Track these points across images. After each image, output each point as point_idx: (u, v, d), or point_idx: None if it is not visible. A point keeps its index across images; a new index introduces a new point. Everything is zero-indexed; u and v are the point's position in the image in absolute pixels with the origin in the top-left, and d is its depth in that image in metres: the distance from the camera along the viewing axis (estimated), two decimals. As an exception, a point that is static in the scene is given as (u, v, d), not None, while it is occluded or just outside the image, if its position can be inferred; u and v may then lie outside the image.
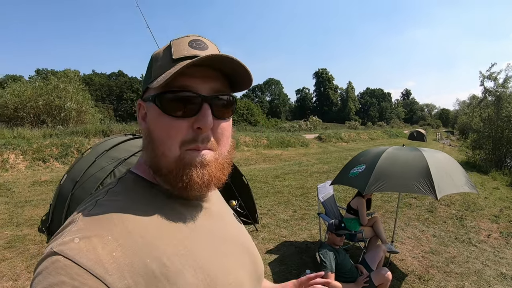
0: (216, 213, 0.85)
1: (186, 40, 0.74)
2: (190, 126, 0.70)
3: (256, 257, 0.89)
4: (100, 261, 0.54)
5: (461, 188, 4.08)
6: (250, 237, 0.95)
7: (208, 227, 0.78)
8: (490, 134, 17.90)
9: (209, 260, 0.70)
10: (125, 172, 0.82)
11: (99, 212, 0.64)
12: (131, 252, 0.59)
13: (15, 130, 15.23)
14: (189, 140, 0.70)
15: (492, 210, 8.17)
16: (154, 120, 0.73)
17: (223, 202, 0.99)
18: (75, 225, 0.61)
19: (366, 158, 4.65)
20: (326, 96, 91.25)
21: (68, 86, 22.41)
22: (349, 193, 9.09)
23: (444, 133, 60.24)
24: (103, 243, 0.57)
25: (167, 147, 0.70)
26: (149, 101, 0.73)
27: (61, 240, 0.57)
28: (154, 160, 0.72)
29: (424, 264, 5.13)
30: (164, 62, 0.72)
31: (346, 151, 21.45)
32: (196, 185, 0.70)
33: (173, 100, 0.69)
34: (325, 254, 3.64)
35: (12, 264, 4.68)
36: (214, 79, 0.73)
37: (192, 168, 0.70)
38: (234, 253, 0.79)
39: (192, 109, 0.69)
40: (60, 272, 0.52)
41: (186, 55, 0.70)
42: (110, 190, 0.73)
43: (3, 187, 8.92)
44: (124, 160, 4.63)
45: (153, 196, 0.74)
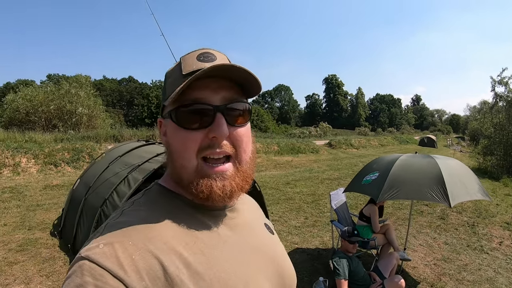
0: (243, 222, 0.85)
1: (195, 54, 0.77)
2: (206, 136, 0.72)
3: (285, 269, 0.87)
4: (120, 264, 0.59)
5: (474, 195, 4.03)
6: (283, 249, 0.94)
7: (232, 237, 0.78)
8: (502, 140, 17.65)
9: (228, 271, 0.70)
10: (152, 184, 0.85)
11: (123, 221, 0.69)
12: (150, 256, 0.62)
13: (27, 134, 15.41)
14: (205, 146, 0.71)
15: (504, 217, 8.05)
16: (171, 135, 0.76)
17: (254, 211, 0.99)
18: (101, 232, 0.67)
19: (379, 165, 4.61)
20: (336, 102, 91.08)
21: (80, 91, 22.69)
22: (359, 200, 9.05)
23: (454, 139, 59.69)
24: (124, 248, 0.62)
25: (185, 159, 0.72)
26: (166, 117, 0.77)
27: (88, 246, 0.63)
28: (175, 172, 0.76)
29: (436, 271, 5.07)
30: (175, 78, 0.75)
31: (356, 158, 21.34)
32: (218, 197, 0.71)
33: (187, 114, 0.72)
34: (339, 261, 3.62)
35: (24, 267, 4.72)
36: (225, 88, 0.74)
37: (211, 180, 0.71)
38: (258, 264, 0.78)
39: (206, 120, 0.71)
40: (85, 274, 0.58)
41: (195, 69, 0.72)
42: (136, 201, 0.78)
43: (15, 191, 9.01)
44: (138, 166, 4.65)
45: (176, 206, 0.76)
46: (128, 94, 65.71)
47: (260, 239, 0.86)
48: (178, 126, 0.73)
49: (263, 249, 0.84)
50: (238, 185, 0.74)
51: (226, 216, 0.81)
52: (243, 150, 0.77)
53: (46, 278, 4.46)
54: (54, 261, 4.93)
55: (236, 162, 0.75)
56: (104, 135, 17.97)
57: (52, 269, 4.70)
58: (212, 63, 0.73)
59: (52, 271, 4.63)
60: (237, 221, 0.83)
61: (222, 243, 0.74)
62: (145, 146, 5.76)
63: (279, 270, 0.84)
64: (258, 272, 0.77)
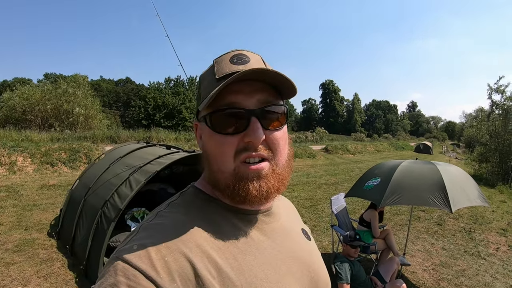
0: (279, 227, 0.83)
1: (228, 57, 0.76)
2: (241, 140, 0.71)
3: (320, 276, 0.86)
4: (153, 265, 0.60)
5: (474, 201, 4.07)
6: (319, 255, 0.93)
7: (266, 242, 0.77)
8: (497, 147, 17.77)
9: (260, 276, 0.69)
10: (188, 186, 0.85)
11: (158, 222, 0.70)
12: (182, 258, 0.63)
13: (23, 133, 15.34)
14: (241, 149, 0.70)
15: (500, 224, 8.17)
16: (207, 139, 0.75)
17: (291, 216, 0.97)
18: (136, 234, 0.68)
19: (381, 171, 4.64)
20: (332, 108, 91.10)
21: (77, 91, 22.66)
22: (358, 205, 9.10)
23: (450, 146, 59.97)
24: (157, 250, 0.62)
25: (222, 163, 0.72)
26: (201, 121, 0.77)
27: (123, 248, 0.64)
28: (212, 176, 0.76)
29: (434, 276, 5.12)
30: (209, 82, 0.75)
31: (353, 163, 21.38)
32: (254, 198, 0.71)
33: (221, 118, 0.71)
34: (341, 266, 3.64)
35: (21, 268, 4.67)
36: (260, 91, 0.73)
37: (248, 181, 0.70)
38: (292, 271, 0.77)
39: (241, 125, 0.70)
40: (119, 274, 0.59)
41: (228, 72, 0.72)
42: (171, 203, 0.78)
43: (11, 190, 8.95)
44: (139, 168, 4.61)
45: (211, 209, 0.76)
46: (125, 95, 65.57)
47: (295, 245, 0.84)
48: (213, 130, 0.72)
49: (298, 255, 0.82)
50: (274, 186, 0.73)
51: (262, 220, 0.80)
52: (280, 154, 0.75)
53: (44, 279, 4.41)
54: (52, 262, 4.88)
55: (272, 163, 0.74)
56: (101, 135, 17.96)
57: (50, 270, 4.64)
58: (246, 65, 0.73)
59: (50, 273, 4.58)
60: (273, 226, 0.82)
61: (256, 249, 0.73)
62: (146, 148, 5.73)
63: (314, 277, 0.83)
64: (292, 278, 0.76)
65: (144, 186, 4.50)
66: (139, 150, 5.62)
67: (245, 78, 0.68)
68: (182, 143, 20.92)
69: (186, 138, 23.36)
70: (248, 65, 0.73)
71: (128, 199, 4.21)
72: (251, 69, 0.67)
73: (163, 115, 40.24)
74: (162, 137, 22.07)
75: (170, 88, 43.95)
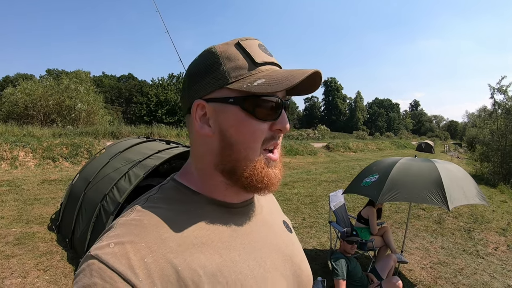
0: (261, 220, 0.83)
1: (255, 43, 0.74)
2: (270, 127, 0.71)
3: (302, 268, 0.85)
4: (131, 267, 0.56)
5: (472, 199, 4.07)
6: (300, 247, 0.92)
7: (250, 236, 0.76)
8: (499, 147, 17.71)
9: (245, 271, 0.68)
10: (168, 179, 0.81)
11: (137, 219, 0.65)
12: (163, 259, 0.60)
13: (25, 128, 15.36)
14: (269, 138, 0.72)
15: (500, 223, 8.12)
16: (237, 124, 0.69)
17: (272, 208, 0.96)
18: (113, 230, 0.63)
19: (379, 168, 4.64)
20: (335, 106, 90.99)
21: (79, 86, 22.64)
22: (357, 203, 9.09)
23: (452, 145, 59.88)
24: (136, 249, 0.59)
25: (252, 150, 0.70)
26: (227, 103, 0.69)
27: (99, 244, 0.60)
28: (233, 164, 0.71)
29: (432, 275, 5.11)
30: (243, 63, 0.70)
31: (354, 161, 21.33)
32: (273, 186, 0.73)
33: (261, 104, 0.69)
34: (337, 262, 3.64)
35: (21, 261, 4.70)
36: None
37: (270, 169, 0.72)
38: (275, 263, 0.77)
39: (276, 113, 0.71)
40: (94, 275, 0.55)
41: (266, 60, 0.72)
42: (151, 197, 0.73)
43: (13, 184, 8.99)
44: (139, 162, 4.64)
45: (193, 204, 0.73)
46: (127, 91, 65.51)
47: (278, 238, 0.84)
48: (251, 115, 0.69)
49: (281, 248, 0.82)
50: (282, 173, 0.76)
51: (245, 213, 0.80)
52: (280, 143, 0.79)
53: (44, 272, 4.45)
54: (51, 255, 4.91)
55: (279, 151, 0.77)
56: (103, 131, 17.97)
57: (50, 263, 4.68)
58: (272, 58, 0.75)
59: (50, 265, 4.61)
60: (256, 219, 0.81)
61: (240, 243, 0.72)
62: (146, 143, 5.75)
63: (296, 270, 0.82)
64: (277, 273, 0.76)
65: (143, 181, 4.52)
66: (139, 145, 5.64)
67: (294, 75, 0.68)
68: (184, 139, 20.87)
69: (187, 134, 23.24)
70: (274, 59, 0.75)
71: (126, 193, 4.24)
72: (315, 71, 0.69)
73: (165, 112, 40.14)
74: (164, 133, 22.00)
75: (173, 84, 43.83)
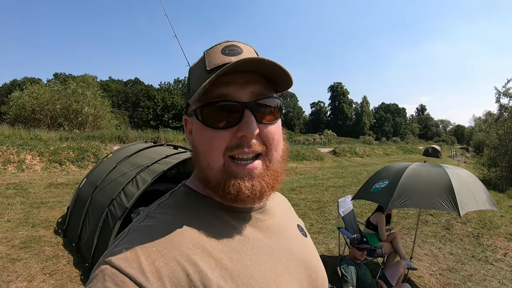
0: (274, 224, 0.81)
1: (219, 48, 0.73)
2: (234, 135, 0.68)
3: (318, 273, 0.83)
4: (142, 270, 0.57)
5: (482, 205, 4.01)
6: (315, 251, 0.90)
7: (261, 241, 0.74)
8: (507, 151, 17.60)
9: (256, 276, 0.66)
10: (179, 185, 0.83)
11: (148, 225, 0.68)
12: (174, 263, 0.60)
13: (32, 132, 15.47)
14: (233, 146, 0.68)
15: (509, 229, 8.06)
16: (197, 134, 0.72)
17: (286, 212, 0.94)
18: (125, 236, 0.66)
19: (389, 173, 4.60)
20: (341, 110, 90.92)
21: (86, 91, 22.84)
22: (365, 208, 9.04)
23: (459, 150, 59.64)
24: (147, 254, 0.60)
25: (211, 159, 0.69)
26: (191, 115, 0.73)
27: (111, 250, 0.62)
28: (202, 172, 0.72)
29: (441, 281, 5.06)
30: (199, 74, 0.72)
31: (361, 166, 21.27)
32: (246, 197, 0.68)
33: (212, 112, 0.68)
34: (347, 268, 3.60)
35: (27, 264, 4.70)
36: (253, 83, 0.70)
37: (239, 180, 0.68)
38: (288, 269, 0.74)
39: (234, 118, 0.67)
40: (107, 279, 0.56)
41: (219, 63, 0.69)
42: (162, 203, 0.75)
43: (19, 187, 9.04)
44: (146, 167, 4.63)
45: (203, 209, 0.74)
46: (133, 95, 65.89)
47: (291, 242, 0.82)
48: (204, 125, 0.69)
49: (294, 252, 0.79)
50: (268, 185, 0.70)
51: (256, 218, 0.78)
52: (274, 149, 0.72)
53: (49, 276, 4.43)
54: (57, 259, 4.90)
55: (266, 160, 0.71)
56: (109, 135, 18.07)
57: (56, 267, 4.67)
58: (238, 56, 0.70)
59: (56, 270, 4.60)
60: (268, 223, 0.79)
61: (251, 248, 0.71)
62: (154, 147, 5.74)
63: (312, 274, 0.81)
64: (289, 277, 0.73)
65: (150, 186, 4.51)
66: (147, 149, 5.64)
67: (237, 69, 0.66)
68: (189, 144, 20.95)
69: (194, 139, 23.43)
70: (240, 56, 0.70)
71: (134, 198, 4.22)
72: (243, 59, 0.63)
73: (172, 116, 40.41)
74: (170, 137, 22.11)
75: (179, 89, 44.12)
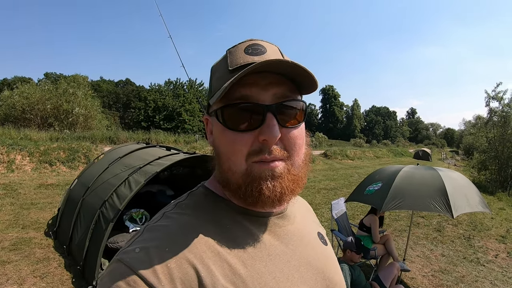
0: (293, 231, 0.78)
1: (242, 46, 0.70)
2: (256, 138, 0.65)
3: (336, 284, 0.79)
4: (154, 271, 0.56)
5: (475, 207, 4.07)
6: (335, 260, 0.87)
7: (278, 248, 0.72)
8: (496, 155, 17.80)
9: (270, 285, 0.64)
10: (198, 185, 0.80)
11: (164, 224, 0.66)
12: (187, 265, 0.59)
13: (22, 131, 15.30)
14: (255, 151, 0.65)
15: (499, 231, 8.20)
16: (218, 136, 0.70)
17: (307, 218, 0.91)
18: (140, 235, 0.65)
19: (382, 176, 4.63)
20: (332, 113, 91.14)
21: (77, 91, 22.67)
22: (357, 210, 9.07)
23: (449, 153, 60.02)
24: (160, 255, 0.59)
25: (233, 162, 0.66)
26: (212, 116, 0.71)
27: (125, 249, 0.61)
28: (222, 175, 0.70)
29: (434, 283, 5.11)
30: (221, 74, 0.69)
31: (352, 169, 21.38)
32: (267, 199, 0.65)
33: (234, 114, 0.65)
34: (341, 271, 3.58)
35: (17, 267, 4.63)
36: (277, 84, 0.66)
37: (262, 181, 0.65)
38: (305, 278, 0.72)
39: (255, 121, 0.65)
40: (119, 278, 0.56)
41: (242, 63, 0.66)
42: (179, 203, 0.73)
43: (9, 188, 8.92)
44: (139, 168, 4.58)
45: (221, 211, 0.72)
46: (124, 96, 65.45)
47: (310, 250, 0.78)
48: (225, 126, 0.66)
49: (312, 261, 0.76)
50: (289, 188, 0.66)
51: (275, 223, 0.75)
52: (296, 154, 0.69)
53: (40, 279, 4.37)
54: (48, 262, 4.84)
55: (288, 164, 0.67)
56: (100, 136, 17.96)
57: (46, 270, 4.61)
58: (262, 56, 0.67)
59: (46, 272, 4.54)
60: (286, 229, 0.77)
61: (267, 254, 0.68)
62: (146, 149, 5.71)
63: (329, 285, 0.77)
64: (304, 285, 0.70)
65: (143, 187, 4.47)
66: (139, 150, 5.60)
67: (260, 70, 0.63)
68: (181, 146, 20.88)
69: (185, 140, 23.39)
70: (264, 56, 0.68)
71: (127, 200, 4.18)
72: (266, 60, 0.61)
73: (163, 117, 40.25)
74: (161, 139, 22.03)
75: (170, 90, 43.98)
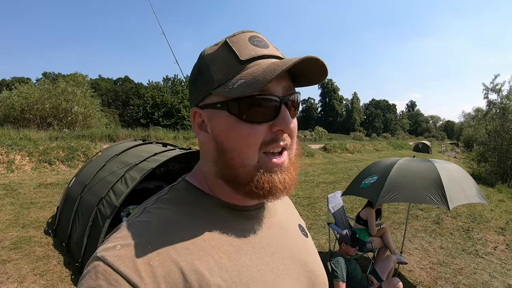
0: (275, 224, 0.80)
1: (245, 37, 0.68)
2: (269, 129, 0.66)
3: (318, 275, 0.81)
4: (137, 270, 0.55)
5: (472, 199, 4.06)
6: (316, 252, 0.88)
7: (262, 240, 0.72)
8: (496, 146, 17.79)
9: (256, 278, 0.65)
10: (179, 180, 0.79)
11: (145, 220, 0.64)
12: (170, 262, 0.58)
13: (21, 132, 15.29)
14: (267, 142, 0.65)
15: (498, 223, 8.17)
16: (227, 129, 0.66)
17: (288, 211, 0.92)
18: (121, 231, 0.62)
19: (378, 169, 4.63)
20: (331, 107, 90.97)
21: (76, 89, 22.56)
22: (355, 204, 9.06)
23: (449, 145, 59.99)
24: (142, 252, 0.57)
25: (246, 157, 0.65)
26: (216, 108, 0.67)
27: (105, 246, 0.59)
28: (229, 171, 0.68)
29: (432, 275, 5.11)
30: (228, 64, 0.66)
31: (351, 162, 21.36)
32: (279, 191, 0.67)
33: (253, 106, 0.64)
34: (337, 264, 3.61)
35: (17, 265, 4.67)
36: (284, 78, 0.67)
37: (273, 174, 0.66)
38: (288, 270, 0.73)
39: (272, 113, 0.65)
40: (99, 277, 0.54)
41: (254, 55, 0.65)
42: (160, 198, 0.72)
43: (9, 188, 8.94)
44: (135, 165, 4.61)
45: (203, 206, 0.71)
46: (123, 94, 65.23)
47: (292, 243, 0.80)
48: (240, 119, 0.64)
49: (295, 254, 0.78)
50: (294, 178, 0.69)
51: (258, 216, 0.76)
52: (295, 142, 0.72)
53: (40, 277, 4.41)
54: (48, 259, 4.87)
55: (290, 153, 0.70)
56: (99, 134, 17.89)
57: (46, 268, 4.64)
58: (267, 49, 0.68)
59: (46, 270, 4.57)
60: (269, 222, 0.78)
61: (252, 247, 0.69)
62: (142, 146, 5.72)
63: (311, 276, 0.78)
64: (289, 278, 0.72)
65: (140, 184, 4.50)
66: (135, 147, 5.62)
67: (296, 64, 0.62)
68: (180, 142, 20.80)
69: (184, 136, 23.29)
70: (268, 50, 0.68)
71: (123, 196, 4.21)
72: (311, 56, 0.61)
73: (162, 114, 40.10)
74: (161, 136, 21.90)
75: (168, 87, 43.85)
